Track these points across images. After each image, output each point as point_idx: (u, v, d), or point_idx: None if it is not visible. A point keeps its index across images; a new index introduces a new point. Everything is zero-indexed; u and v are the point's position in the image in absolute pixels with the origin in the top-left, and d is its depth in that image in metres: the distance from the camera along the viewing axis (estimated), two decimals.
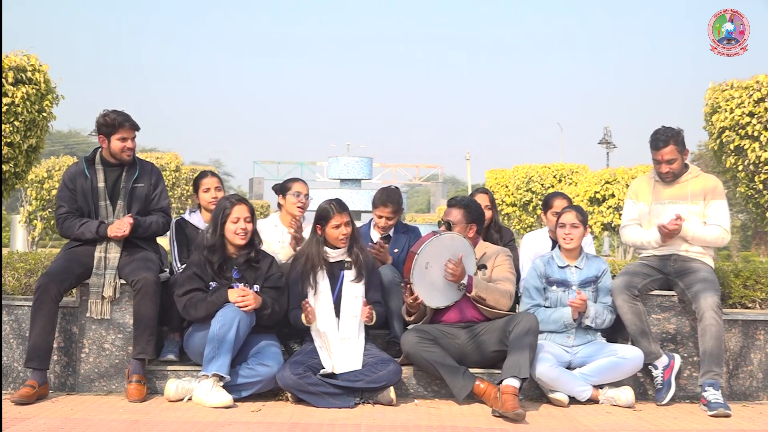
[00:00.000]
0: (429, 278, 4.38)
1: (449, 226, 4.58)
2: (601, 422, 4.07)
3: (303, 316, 4.41)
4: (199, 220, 5.10)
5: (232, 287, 4.42)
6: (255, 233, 4.58)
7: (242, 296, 4.33)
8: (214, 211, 4.60)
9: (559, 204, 5.27)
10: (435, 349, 4.37)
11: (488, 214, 5.39)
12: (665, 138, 4.72)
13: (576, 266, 4.72)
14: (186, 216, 5.16)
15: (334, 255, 4.58)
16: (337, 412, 4.11)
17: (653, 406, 4.52)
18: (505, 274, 4.59)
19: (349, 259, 4.57)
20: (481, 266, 4.58)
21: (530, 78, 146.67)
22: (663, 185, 4.86)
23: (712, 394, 4.33)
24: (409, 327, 4.62)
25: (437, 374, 4.39)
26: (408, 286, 4.37)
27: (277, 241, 5.14)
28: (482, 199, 5.42)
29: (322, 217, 4.56)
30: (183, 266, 4.79)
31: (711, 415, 4.25)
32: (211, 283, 4.45)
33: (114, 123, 4.57)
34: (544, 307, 4.69)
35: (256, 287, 4.51)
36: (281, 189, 5.21)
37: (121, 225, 4.52)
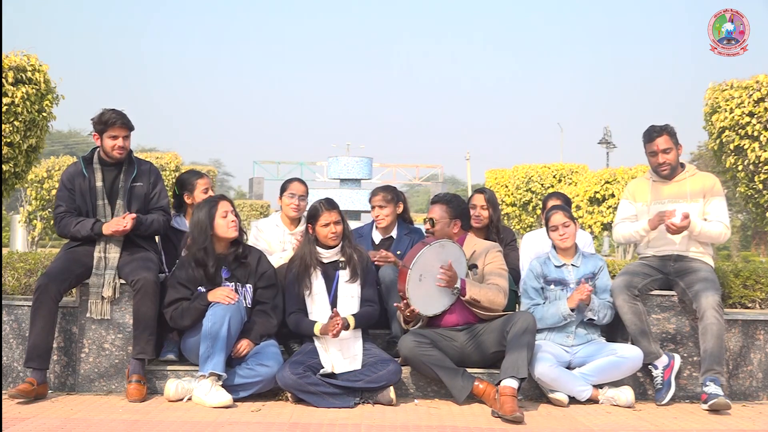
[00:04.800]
0: (423, 289, 4.35)
1: (433, 223, 4.57)
2: (601, 422, 4.07)
3: (319, 326, 4.38)
4: (184, 224, 5.07)
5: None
6: (240, 229, 4.57)
7: (223, 294, 4.34)
8: (196, 215, 4.52)
9: (550, 205, 5.29)
10: (433, 352, 4.36)
11: (485, 214, 5.37)
12: (659, 129, 4.81)
13: (573, 264, 4.72)
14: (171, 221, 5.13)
15: (327, 255, 4.57)
16: (337, 412, 4.11)
17: (653, 406, 4.52)
18: (497, 270, 4.57)
19: (342, 259, 4.57)
20: (472, 266, 4.56)
21: (530, 78, 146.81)
22: (662, 184, 4.87)
23: (713, 388, 4.33)
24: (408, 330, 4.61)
25: (436, 377, 4.38)
26: (404, 300, 4.34)
27: (278, 240, 5.15)
28: (478, 200, 5.40)
29: (312, 216, 4.58)
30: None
31: (710, 406, 4.25)
32: (200, 287, 4.44)
33: (106, 120, 4.57)
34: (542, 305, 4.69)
35: (249, 286, 4.52)
36: (281, 189, 5.22)
37: (120, 221, 4.50)
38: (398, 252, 5.09)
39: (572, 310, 4.52)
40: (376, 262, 4.78)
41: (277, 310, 4.56)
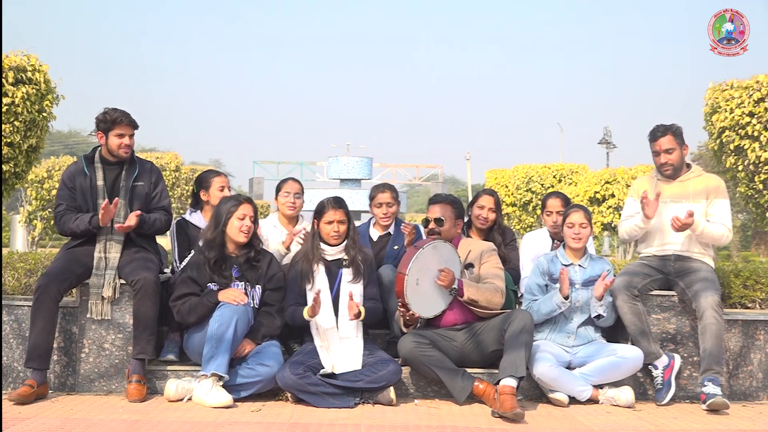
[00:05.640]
0: (421, 292, 4.36)
1: (441, 223, 4.57)
2: (601, 422, 4.07)
3: (307, 308, 4.39)
4: (200, 219, 5.10)
5: (231, 287, 4.43)
6: (255, 235, 4.58)
7: (233, 295, 4.34)
8: (217, 208, 4.59)
9: (552, 204, 5.30)
10: (433, 353, 4.36)
11: (492, 216, 5.37)
12: (663, 129, 4.82)
13: (580, 265, 4.72)
14: (187, 216, 5.17)
15: (331, 252, 4.58)
16: (337, 412, 4.11)
17: (653, 406, 4.52)
18: (494, 270, 4.57)
19: (346, 257, 4.57)
20: (468, 265, 4.56)
21: (530, 78, 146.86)
22: (665, 183, 4.86)
23: (711, 388, 4.34)
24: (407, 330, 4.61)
25: (436, 377, 4.38)
26: (404, 304, 4.34)
27: (276, 241, 5.16)
28: (487, 201, 5.39)
29: (318, 212, 4.62)
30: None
31: (708, 405, 4.26)
32: (209, 284, 4.45)
33: (112, 119, 4.58)
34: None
35: (258, 288, 4.52)
36: (276, 190, 5.26)
37: (110, 210, 4.47)
38: (395, 247, 5.13)
39: (566, 298, 4.51)
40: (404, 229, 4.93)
41: (282, 312, 4.57)
